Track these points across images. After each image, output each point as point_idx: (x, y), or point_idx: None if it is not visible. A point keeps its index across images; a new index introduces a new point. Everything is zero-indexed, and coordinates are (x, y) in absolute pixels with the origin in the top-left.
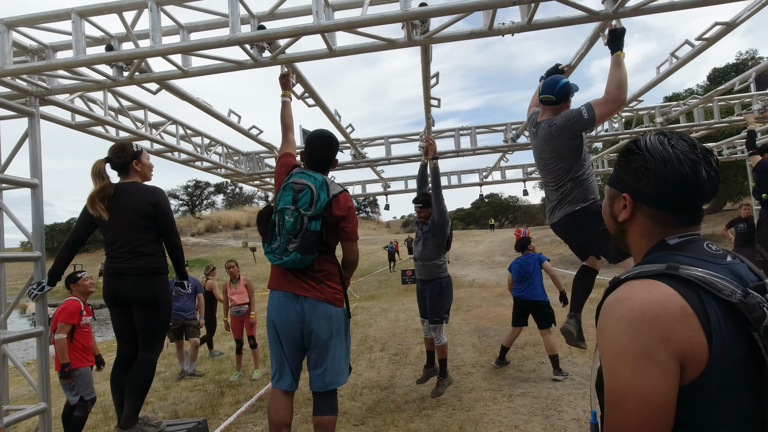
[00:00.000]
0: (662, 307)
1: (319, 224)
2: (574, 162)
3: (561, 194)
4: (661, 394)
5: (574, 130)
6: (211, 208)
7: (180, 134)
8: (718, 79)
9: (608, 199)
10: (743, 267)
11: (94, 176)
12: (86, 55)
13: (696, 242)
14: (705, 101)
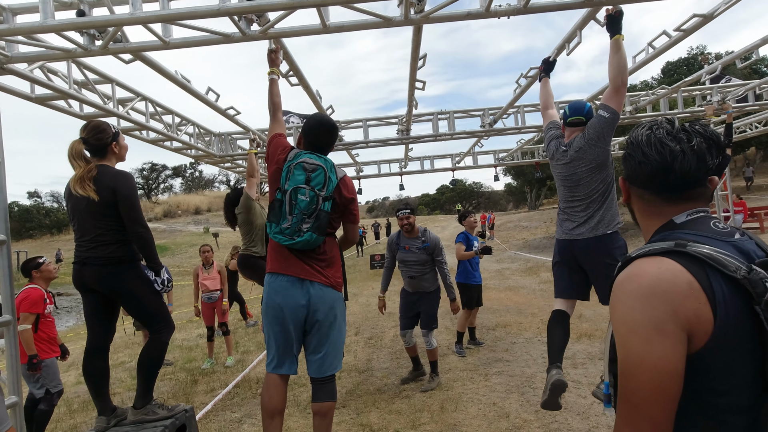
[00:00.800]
0: (670, 283)
1: (330, 205)
2: (608, 172)
3: (592, 211)
4: (671, 363)
5: (607, 132)
6: (168, 192)
7: (150, 111)
8: (671, 72)
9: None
10: (751, 243)
11: (75, 158)
12: (55, 20)
13: (703, 220)
14: (671, 92)
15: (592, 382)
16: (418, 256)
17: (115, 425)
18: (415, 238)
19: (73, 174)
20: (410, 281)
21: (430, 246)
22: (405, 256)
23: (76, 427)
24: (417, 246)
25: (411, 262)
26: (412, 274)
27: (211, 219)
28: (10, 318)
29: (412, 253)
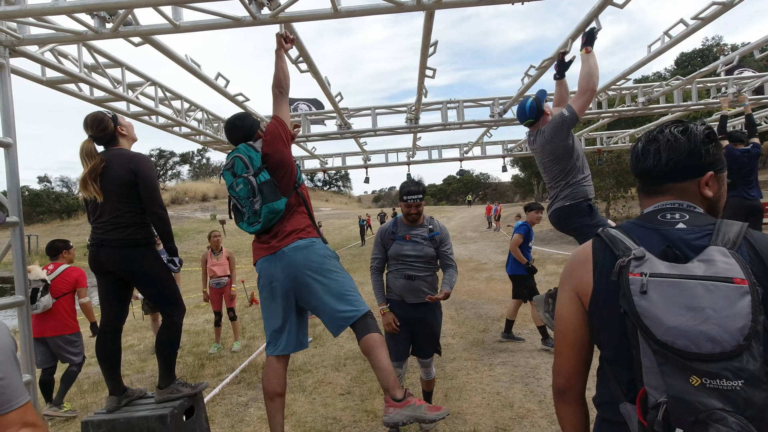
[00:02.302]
0: (577, 254)
1: (266, 173)
2: (568, 163)
3: (556, 192)
4: (565, 312)
5: (563, 130)
6: (176, 179)
7: (159, 97)
8: (685, 64)
9: None
10: (692, 235)
11: (86, 157)
12: (66, 1)
13: (656, 212)
14: (686, 83)
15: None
16: (423, 248)
17: (125, 405)
18: (420, 226)
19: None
20: (406, 285)
21: (439, 235)
22: (403, 249)
23: (86, 407)
24: (422, 235)
25: (411, 257)
26: (410, 273)
27: (218, 206)
28: (23, 298)
29: (415, 245)
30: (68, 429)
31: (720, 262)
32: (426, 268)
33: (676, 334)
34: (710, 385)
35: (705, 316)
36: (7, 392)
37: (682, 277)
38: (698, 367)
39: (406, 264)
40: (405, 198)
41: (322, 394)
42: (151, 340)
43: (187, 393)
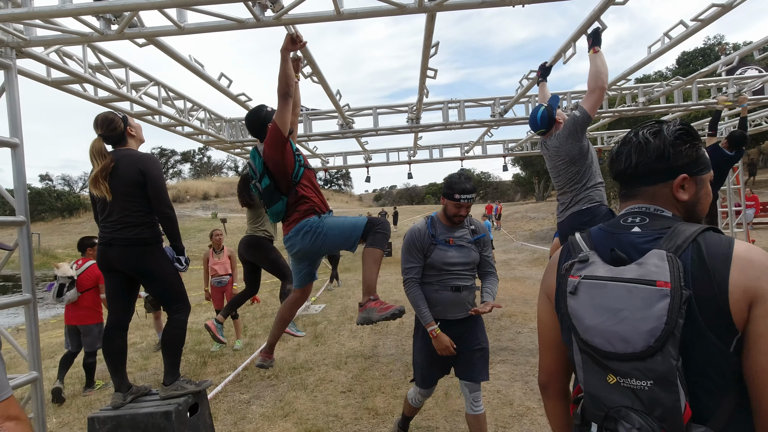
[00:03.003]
0: (551, 259)
1: (267, 179)
2: (583, 164)
3: (570, 196)
4: (542, 313)
5: (577, 131)
6: (177, 177)
7: (162, 96)
8: (686, 63)
9: None
10: (642, 239)
11: (96, 156)
12: (73, 4)
13: (621, 216)
14: (686, 83)
15: None
16: (470, 253)
17: (131, 401)
18: (460, 228)
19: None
20: (452, 298)
21: (484, 238)
22: (447, 256)
23: (90, 404)
24: (466, 238)
25: (457, 265)
26: (458, 284)
27: (220, 204)
28: (30, 297)
29: (461, 250)
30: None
31: (651, 265)
32: (471, 277)
33: (594, 333)
34: (624, 383)
35: (621, 317)
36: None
37: (612, 279)
38: (614, 366)
39: (451, 273)
40: (458, 197)
41: (324, 392)
42: (154, 338)
43: (191, 390)
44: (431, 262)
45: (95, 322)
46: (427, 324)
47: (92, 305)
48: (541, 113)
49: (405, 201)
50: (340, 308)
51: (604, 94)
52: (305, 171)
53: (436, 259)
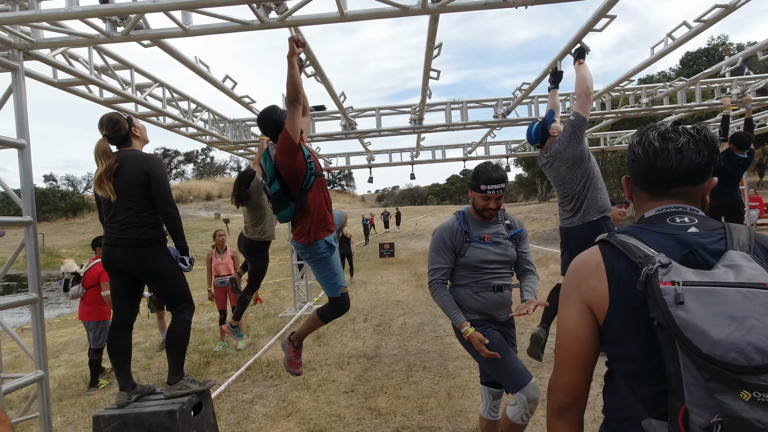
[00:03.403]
0: (583, 263)
1: (277, 184)
2: (587, 166)
3: (578, 203)
4: (572, 326)
5: (575, 134)
6: (180, 178)
7: (167, 98)
8: (690, 63)
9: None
10: (706, 239)
11: (101, 156)
12: (80, 6)
13: (662, 215)
14: (689, 84)
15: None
16: (506, 250)
17: (135, 400)
18: (494, 223)
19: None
20: (496, 299)
21: (521, 233)
22: (484, 254)
23: (94, 403)
24: (502, 234)
25: (495, 263)
26: (499, 284)
27: (222, 205)
28: (36, 296)
29: (498, 247)
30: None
31: (746, 267)
32: (509, 275)
33: (725, 347)
34: (761, 399)
35: (749, 326)
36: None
37: (716, 284)
38: (748, 381)
39: (490, 272)
40: (484, 188)
41: (326, 392)
42: (157, 338)
43: (195, 389)
44: (466, 261)
45: (96, 319)
46: (461, 325)
47: (94, 302)
48: (535, 128)
49: (407, 201)
50: None
51: (591, 97)
52: (316, 179)
53: (472, 257)
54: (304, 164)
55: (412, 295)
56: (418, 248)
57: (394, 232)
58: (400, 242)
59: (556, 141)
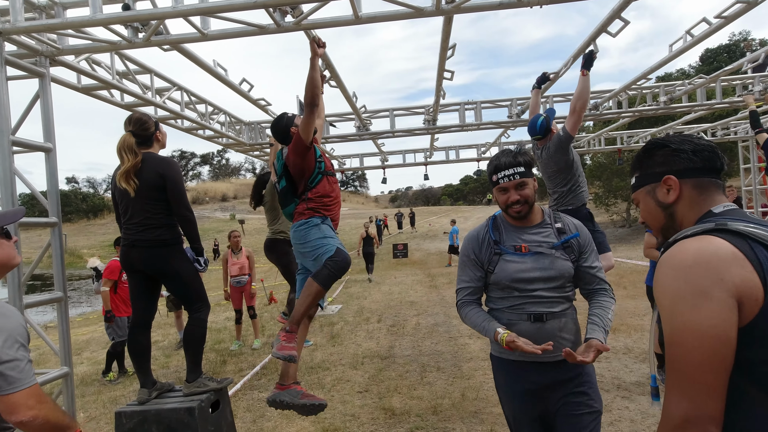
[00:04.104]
0: (713, 253)
1: (284, 181)
2: (569, 173)
3: (558, 197)
4: (719, 327)
5: (562, 147)
6: (197, 179)
7: (185, 101)
8: (710, 60)
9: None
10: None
11: (126, 151)
12: (103, 14)
13: (738, 210)
14: (709, 81)
15: (615, 376)
16: (553, 263)
17: (156, 397)
18: (539, 226)
19: (120, 166)
20: (533, 331)
21: (581, 238)
22: (518, 269)
23: (116, 400)
24: (549, 242)
25: (535, 281)
26: (539, 311)
27: (238, 206)
28: (61, 294)
29: (539, 260)
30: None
31: None
32: (562, 299)
33: None
34: None
35: None
36: (14, 373)
37: None
38: None
39: (527, 295)
40: (495, 178)
41: (341, 392)
42: (175, 337)
43: (213, 387)
44: (496, 279)
45: (105, 313)
46: (493, 335)
47: (106, 298)
48: (541, 122)
49: (421, 202)
50: (356, 309)
51: (582, 115)
52: (323, 178)
53: (503, 274)
54: (313, 163)
55: (426, 296)
56: (431, 249)
57: (408, 232)
58: (414, 243)
59: (544, 148)
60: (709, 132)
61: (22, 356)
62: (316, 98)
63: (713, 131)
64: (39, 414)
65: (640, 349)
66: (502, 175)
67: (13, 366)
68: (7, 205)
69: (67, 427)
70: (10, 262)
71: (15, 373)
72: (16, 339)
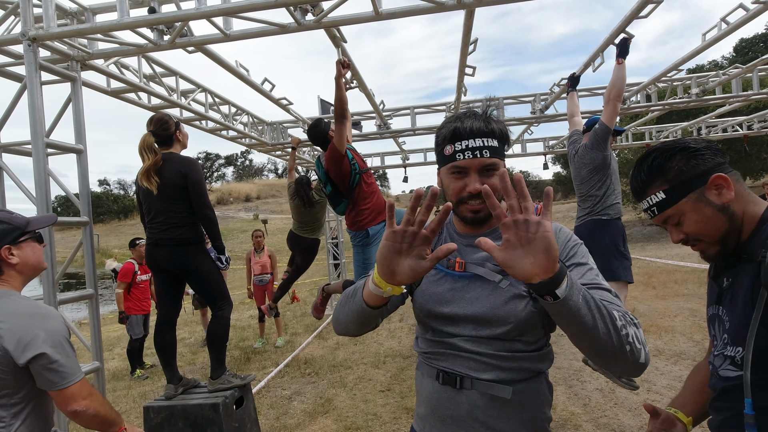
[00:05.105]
0: None
1: (329, 186)
2: (604, 174)
3: (591, 204)
4: None
5: (599, 141)
6: (221, 180)
7: (209, 102)
8: (745, 51)
9: (698, 205)
10: None
11: (147, 151)
12: (130, 17)
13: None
14: (745, 71)
15: (646, 378)
16: (496, 296)
17: (182, 393)
18: (491, 234)
19: (142, 166)
20: (437, 401)
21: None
22: (439, 295)
23: (144, 395)
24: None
25: (462, 321)
26: (452, 370)
27: (261, 206)
28: (92, 291)
29: (477, 286)
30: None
31: None
32: (505, 360)
33: None
34: None
35: None
36: (64, 370)
37: None
38: None
39: (443, 341)
40: (450, 149)
41: (363, 390)
42: (201, 334)
43: (237, 383)
44: (414, 306)
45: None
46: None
47: (119, 300)
48: (594, 117)
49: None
50: None
51: (618, 106)
52: (360, 178)
53: (417, 300)
54: (349, 167)
55: None
56: None
57: None
58: None
59: (582, 146)
60: (745, 125)
61: (69, 352)
62: (346, 112)
63: (749, 124)
64: (91, 404)
65: (672, 351)
66: (462, 147)
67: (63, 363)
68: (41, 205)
69: (113, 422)
70: (40, 265)
71: (66, 369)
72: (61, 337)
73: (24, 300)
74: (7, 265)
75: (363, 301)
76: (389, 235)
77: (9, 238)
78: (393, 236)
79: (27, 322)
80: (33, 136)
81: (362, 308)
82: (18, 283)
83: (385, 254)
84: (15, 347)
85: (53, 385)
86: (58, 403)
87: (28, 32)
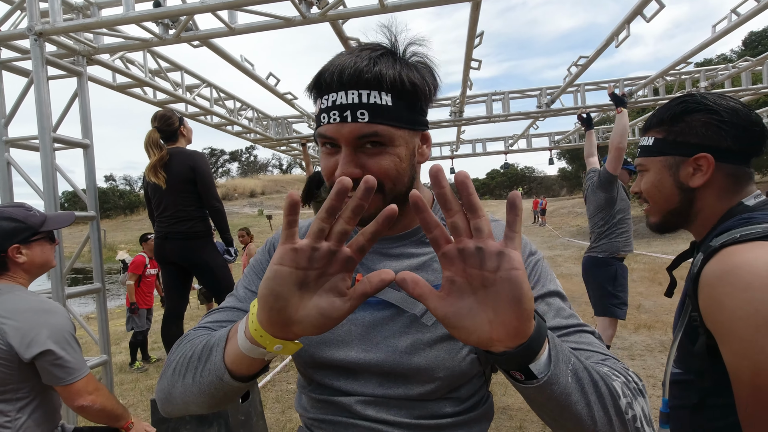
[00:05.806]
0: None
1: None
2: (608, 213)
3: (593, 239)
4: None
5: (604, 185)
6: (226, 176)
7: (214, 97)
8: (754, 44)
9: (663, 171)
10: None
11: (152, 146)
12: (135, 11)
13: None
14: (755, 64)
15: (650, 374)
16: (419, 336)
17: None
18: (411, 240)
19: (148, 162)
20: None
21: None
22: (329, 333)
23: (151, 388)
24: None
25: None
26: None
27: (265, 201)
28: (100, 285)
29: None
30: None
31: None
32: (424, 428)
33: None
34: None
35: None
36: (70, 365)
37: None
38: None
39: (334, 402)
40: (318, 105)
41: None
42: None
43: None
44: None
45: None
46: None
47: (131, 291)
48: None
49: None
50: None
51: (622, 153)
52: None
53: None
54: None
55: None
56: None
57: None
58: None
59: (590, 185)
60: None
61: (74, 348)
62: None
63: None
64: (97, 399)
65: None
66: (328, 105)
67: (68, 359)
68: (49, 200)
69: (120, 416)
70: (47, 265)
71: (71, 365)
72: (66, 333)
73: (28, 295)
74: (14, 264)
75: (225, 369)
76: (286, 254)
77: (20, 237)
78: (293, 257)
79: (31, 317)
80: (40, 130)
81: (221, 381)
82: (24, 280)
83: (275, 289)
84: (19, 343)
85: (59, 381)
86: (64, 399)
87: (34, 27)
